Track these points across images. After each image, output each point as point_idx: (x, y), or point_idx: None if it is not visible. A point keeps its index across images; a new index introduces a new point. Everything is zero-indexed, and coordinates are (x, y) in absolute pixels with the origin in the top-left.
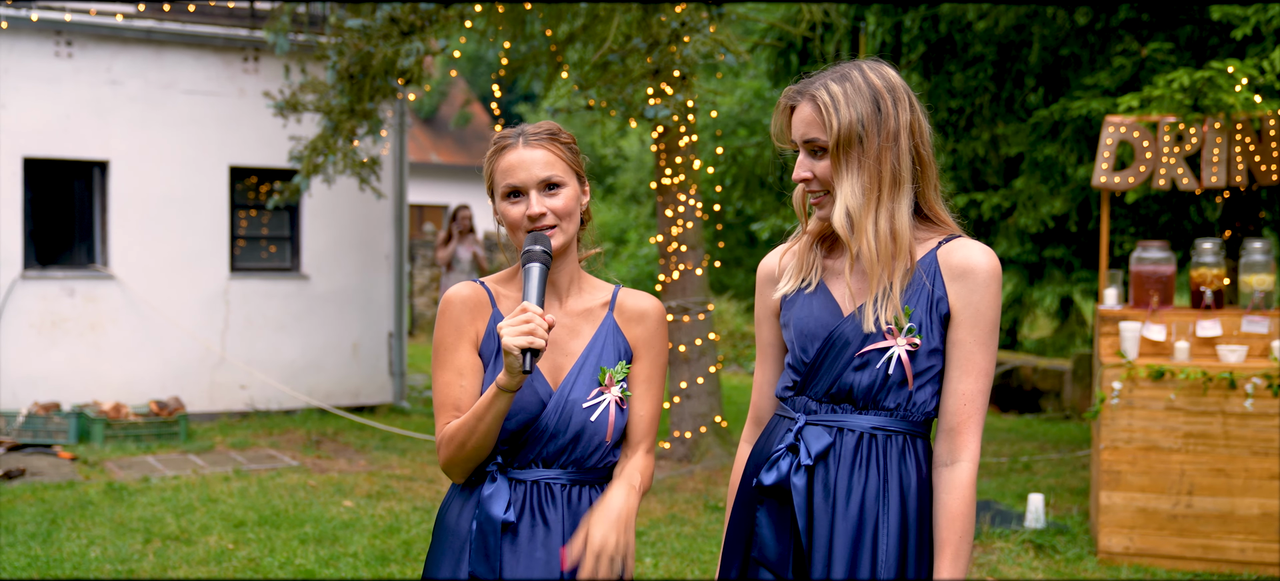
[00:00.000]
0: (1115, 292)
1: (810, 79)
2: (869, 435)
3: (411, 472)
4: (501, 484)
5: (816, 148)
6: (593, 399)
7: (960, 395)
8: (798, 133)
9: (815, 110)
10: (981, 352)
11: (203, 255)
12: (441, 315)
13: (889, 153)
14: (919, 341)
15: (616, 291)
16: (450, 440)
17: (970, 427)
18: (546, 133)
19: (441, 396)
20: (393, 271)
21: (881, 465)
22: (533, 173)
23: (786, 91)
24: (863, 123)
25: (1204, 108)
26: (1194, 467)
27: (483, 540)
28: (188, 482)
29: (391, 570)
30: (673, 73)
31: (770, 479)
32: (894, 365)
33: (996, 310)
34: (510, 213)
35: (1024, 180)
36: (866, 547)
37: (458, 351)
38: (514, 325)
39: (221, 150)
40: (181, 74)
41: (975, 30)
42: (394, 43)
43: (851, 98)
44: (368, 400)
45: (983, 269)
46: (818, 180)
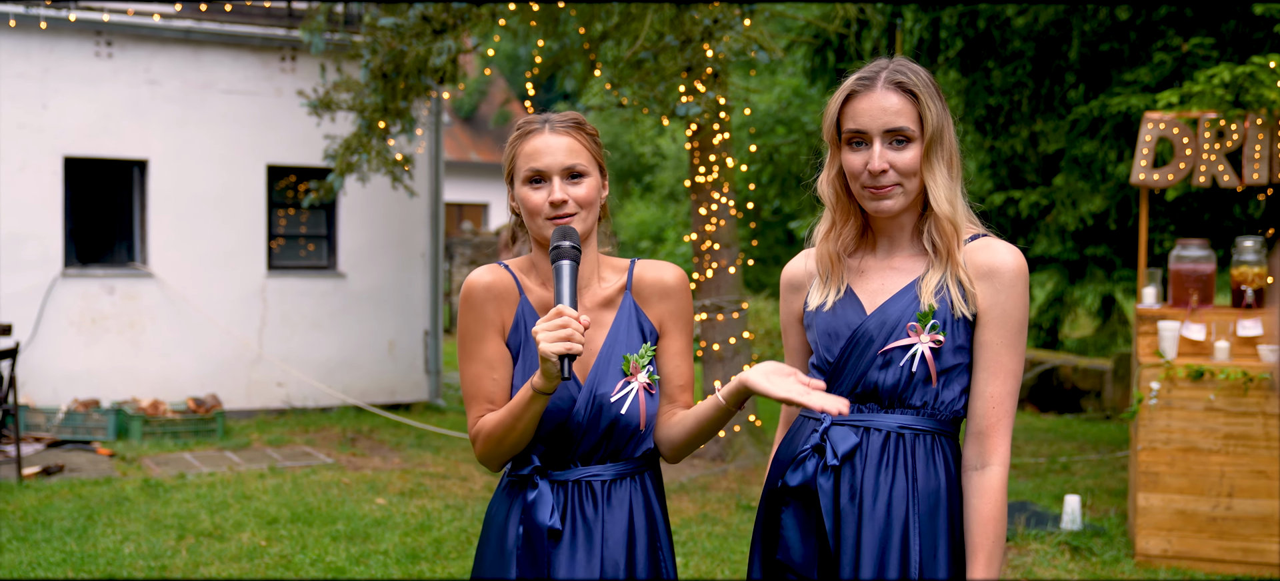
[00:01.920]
0: (1154, 291)
1: (874, 69)
2: (896, 434)
3: (445, 470)
4: (545, 488)
5: (902, 137)
6: (619, 391)
7: (989, 397)
8: (878, 121)
9: (906, 98)
10: (1009, 354)
11: (240, 253)
12: (465, 304)
13: (955, 148)
14: (943, 338)
15: (632, 267)
16: (487, 437)
17: (1000, 431)
18: (572, 121)
19: (472, 389)
20: (429, 269)
21: (909, 465)
22: (558, 158)
23: (850, 81)
24: (942, 116)
25: (1245, 104)
26: (1234, 469)
27: (530, 546)
28: (223, 479)
29: (422, 568)
30: (705, 70)
31: (796, 480)
32: (918, 362)
33: (1024, 310)
34: (531, 198)
35: (1063, 178)
36: (895, 549)
37: (485, 342)
38: (550, 330)
39: (259, 149)
40: (219, 74)
41: (1014, 26)
42: (426, 41)
43: (932, 91)
44: (403, 398)
45: (1009, 269)
46: (897, 171)
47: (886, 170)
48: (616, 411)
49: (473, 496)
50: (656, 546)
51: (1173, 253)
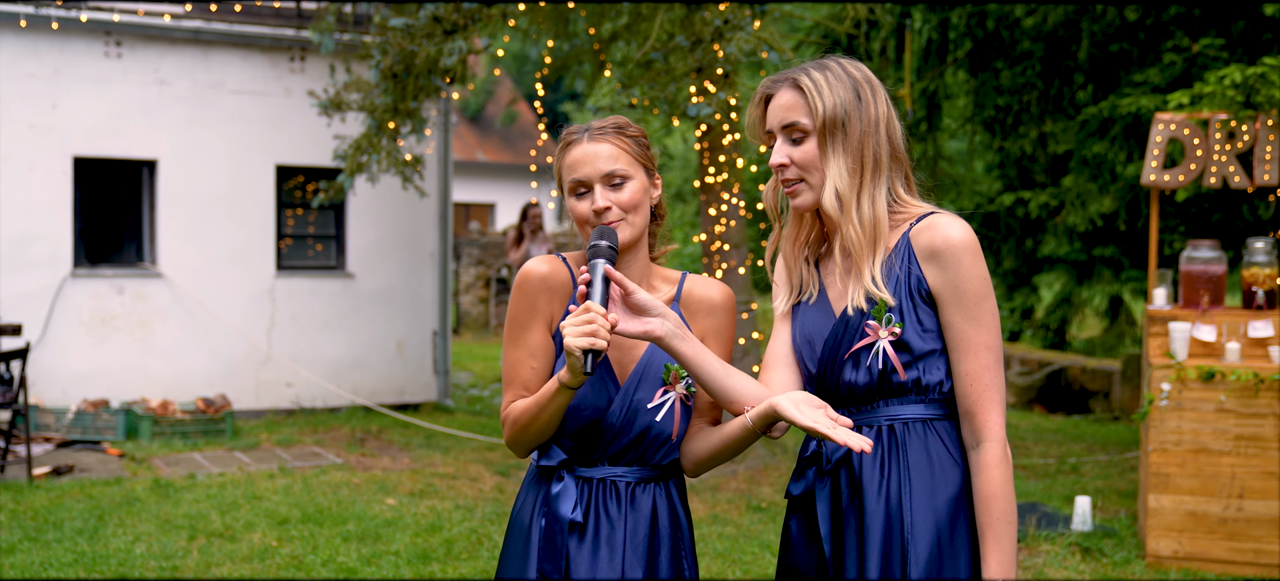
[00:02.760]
0: (1164, 292)
1: (786, 71)
2: (887, 428)
3: (455, 471)
4: (569, 482)
5: (798, 133)
6: (658, 399)
7: (964, 377)
8: (776, 119)
9: (798, 95)
10: (974, 328)
11: (249, 253)
12: (518, 289)
13: (871, 139)
14: (899, 329)
15: (682, 280)
16: (515, 422)
17: (984, 406)
18: (612, 127)
19: (510, 373)
20: (437, 270)
21: (903, 455)
22: (597, 167)
23: (763, 84)
24: (845, 107)
25: (1256, 104)
26: (1245, 470)
27: (550, 539)
28: (233, 480)
29: (433, 568)
30: (716, 71)
31: (798, 489)
32: (882, 359)
33: (978, 280)
34: (577, 208)
35: (1073, 178)
36: (897, 540)
37: (531, 330)
38: (576, 325)
39: (268, 149)
40: (229, 74)
41: (1023, 27)
42: (437, 41)
43: (833, 84)
44: (412, 398)
45: (953, 244)
46: (795, 166)
47: (786, 165)
48: (651, 418)
49: (483, 497)
50: (680, 551)
51: (1184, 254)
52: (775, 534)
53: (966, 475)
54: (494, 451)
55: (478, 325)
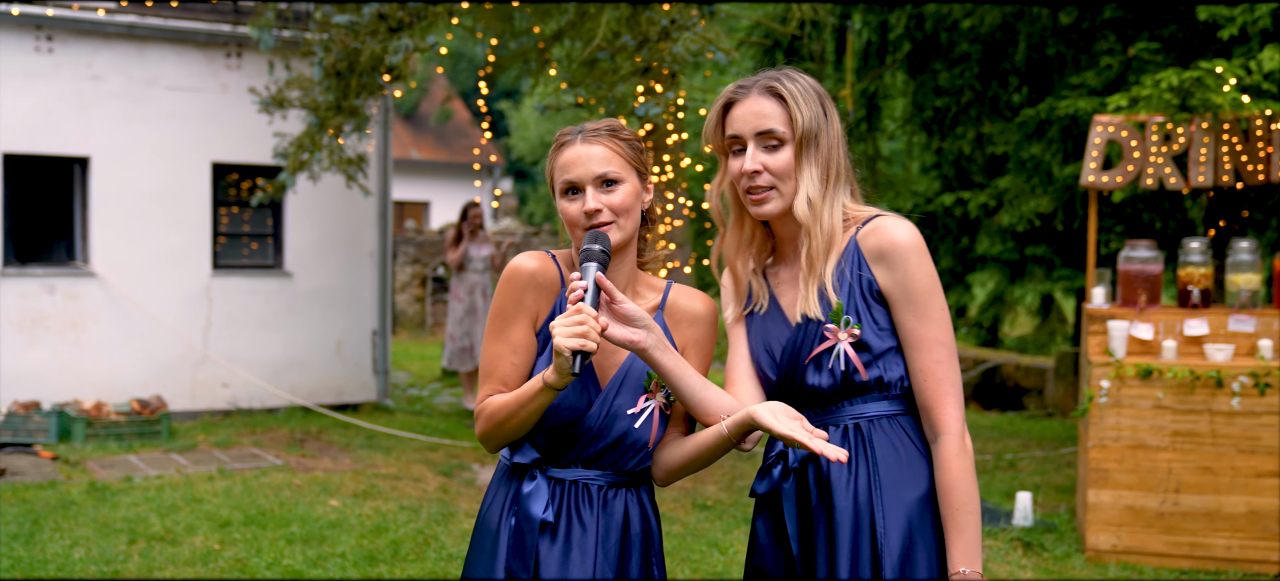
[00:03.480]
0: (1103, 291)
1: (752, 78)
2: (852, 426)
3: (397, 471)
4: (541, 482)
5: (774, 140)
6: (640, 406)
7: (919, 373)
8: (750, 125)
9: (777, 103)
10: (926, 325)
11: (185, 252)
12: (507, 282)
13: (835, 152)
14: (858, 330)
15: (668, 289)
16: (490, 417)
17: (940, 400)
18: (605, 129)
19: (489, 366)
20: (377, 269)
21: (870, 452)
22: (589, 168)
23: (728, 89)
24: (817, 120)
25: (1191, 108)
26: (1181, 466)
27: (520, 538)
28: (171, 482)
29: (380, 570)
30: (662, 71)
31: (763, 488)
32: (844, 360)
33: (926, 277)
34: (568, 209)
35: (1011, 179)
36: (866, 537)
37: (515, 324)
38: (567, 326)
39: (204, 146)
40: (164, 70)
41: (961, 29)
42: (381, 39)
43: (807, 95)
44: (351, 398)
45: (899, 246)
46: (770, 173)
47: (760, 171)
48: (629, 425)
49: (427, 498)
50: (650, 557)
51: (1122, 254)
52: (722, 531)
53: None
54: (436, 452)
55: (414, 324)
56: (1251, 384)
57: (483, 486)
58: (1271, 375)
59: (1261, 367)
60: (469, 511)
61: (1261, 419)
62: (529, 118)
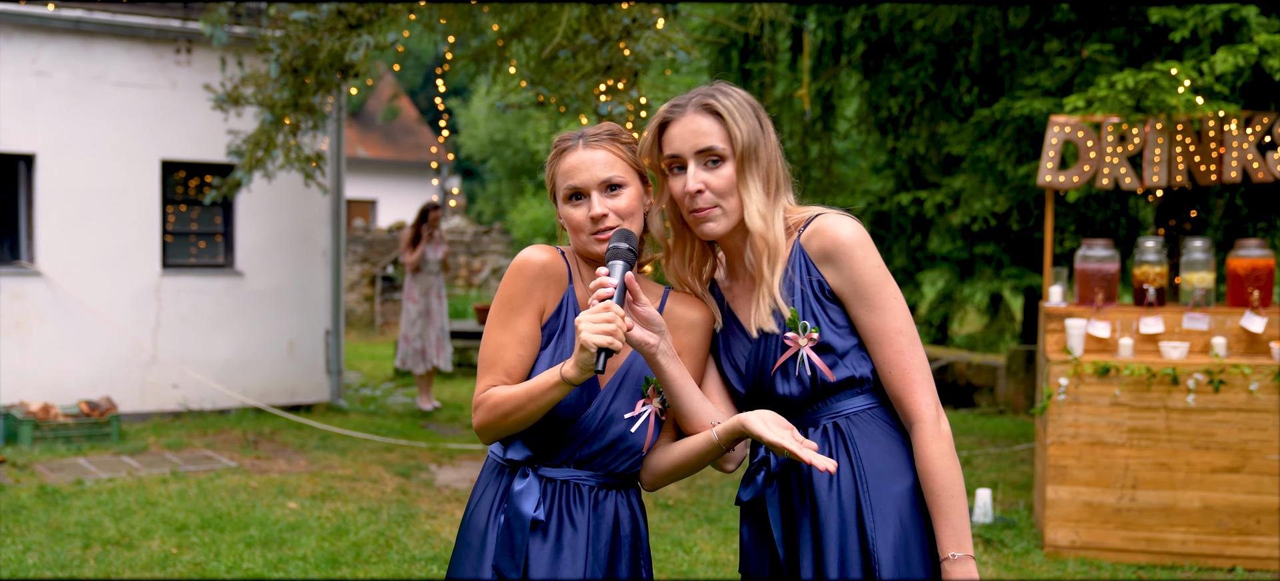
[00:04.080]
0: (1060, 290)
1: (686, 96)
2: (832, 426)
3: (354, 473)
4: (532, 480)
5: (714, 157)
6: (638, 409)
7: (884, 365)
8: (689, 144)
9: (715, 120)
10: (881, 317)
11: (133, 251)
12: (517, 273)
13: (774, 163)
14: (817, 334)
15: (666, 295)
16: (494, 407)
17: (908, 388)
18: (606, 133)
19: (492, 355)
20: (330, 268)
21: (852, 449)
22: (594, 173)
23: (663, 108)
24: (754, 133)
25: (1146, 109)
26: (1138, 462)
27: (510, 536)
28: (124, 485)
29: (343, 572)
30: (625, 69)
31: (748, 495)
32: (809, 365)
33: (873, 270)
34: (573, 215)
35: (965, 178)
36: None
37: (523, 315)
38: (595, 322)
39: (153, 144)
40: (111, 66)
41: (914, 29)
42: (339, 35)
43: (743, 109)
44: (304, 399)
45: (842, 244)
46: (712, 191)
47: (702, 190)
48: (626, 428)
49: (386, 499)
50: (639, 559)
51: (1079, 252)
52: (685, 531)
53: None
54: (392, 452)
55: (363, 324)
56: (1206, 381)
57: (442, 487)
58: (1225, 372)
59: (1216, 365)
60: (429, 512)
61: (1216, 415)
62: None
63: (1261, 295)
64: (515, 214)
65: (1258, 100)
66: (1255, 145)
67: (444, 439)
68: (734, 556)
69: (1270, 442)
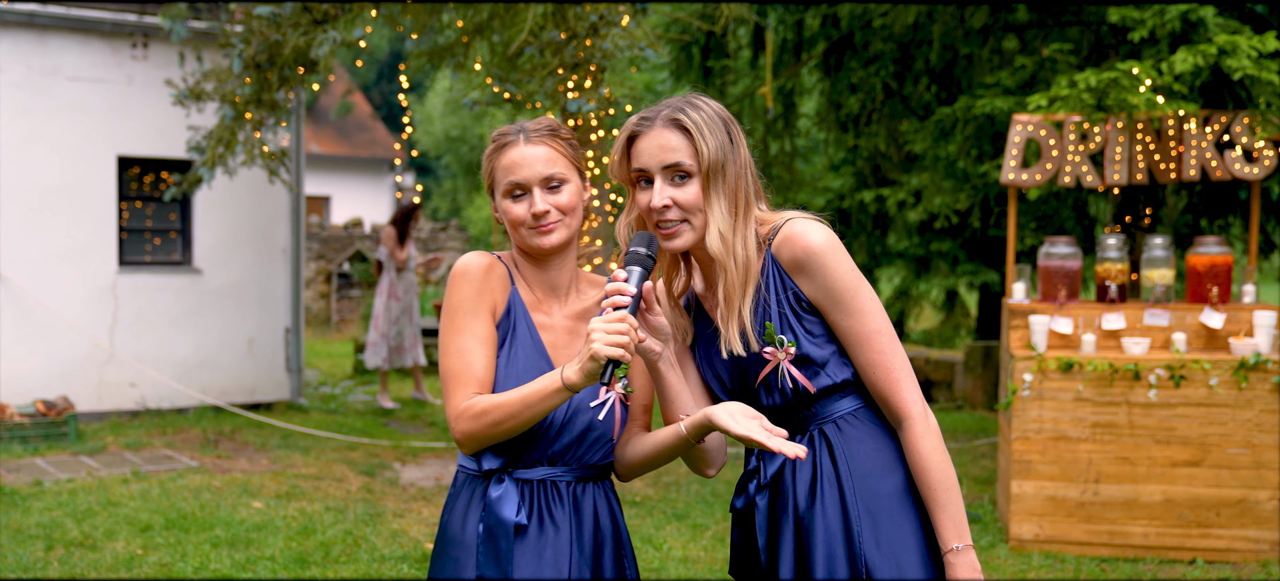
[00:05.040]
0: (1023, 286)
1: (656, 109)
2: (818, 434)
3: (318, 471)
4: (509, 485)
5: (681, 173)
6: (600, 397)
7: (867, 367)
8: (656, 159)
9: (682, 135)
10: (859, 320)
11: (89, 248)
12: (461, 278)
13: (743, 180)
14: (794, 347)
15: None
16: (481, 415)
17: (893, 387)
18: (547, 128)
19: (458, 363)
20: (289, 265)
21: (837, 452)
22: (535, 169)
23: (632, 121)
24: (723, 149)
25: (1107, 107)
26: (1101, 456)
27: (492, 542)
28: (84, 486)
29: (312, 572)
30: (590, 66)
31: (741, 503)
32: (789, 378)
33: (847, 274)
34: (513, 210)
35: (927, 176)
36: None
37: (478, 318)
38: (610, 332)
39: (109, 139)
40: (66, 60)
41: (874, 27)
42: (304, 31)
43: (712, 124)
44: (264, 397)
45: (814, 252)
46: (679, 207)
47: (669, 206)
48: (593, 417)
49: (352, 498)
50: (622, 553)
51: (1042, 250)
52: (654, 527)
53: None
54: (355, 451)
55: (319, 321)
56: (1167, 376)
57: (407, 486)
58: (1186, 367)
59: (1176, 360)
60: (396, 511)
61: (1177, 410)
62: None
63: (1220, 291)
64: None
65: (1216, 99)
66: (1213, 144)
67: (406, 437)
68: (704, 552)
69: (1230, 436)
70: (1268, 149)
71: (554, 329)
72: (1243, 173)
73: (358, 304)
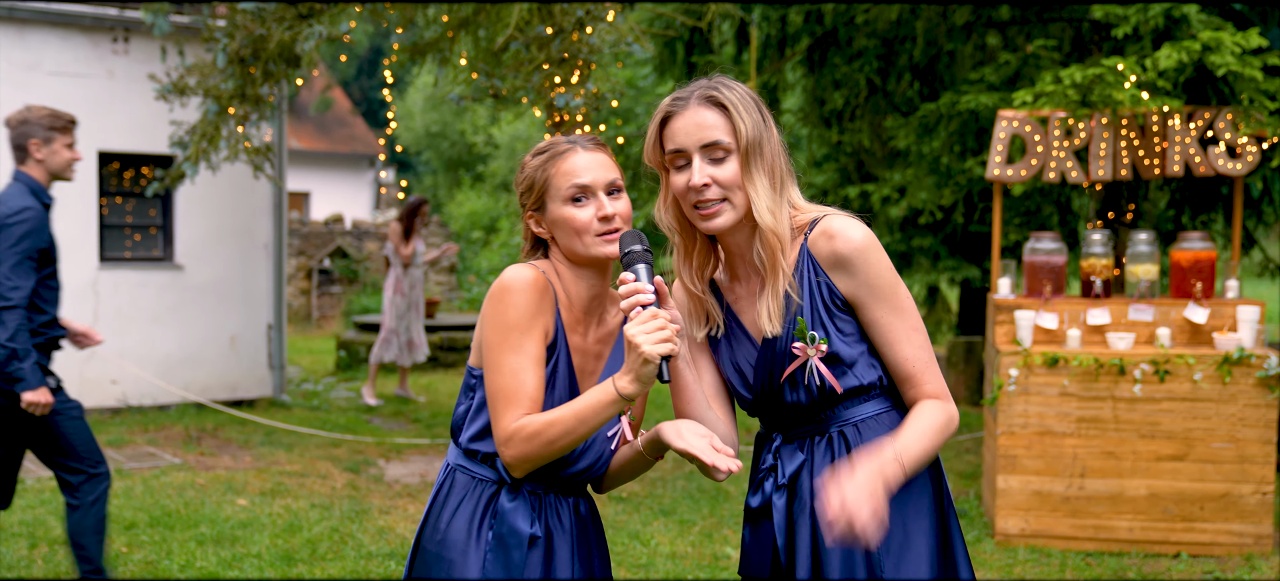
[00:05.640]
0: (1009, 282)
1: (688, 90)
2: (838, 435)
3: (303, 468)
4: (522, 498)
5: (720, 152)
6: (614, 425)
7: (905, 362)
8: (693, 138)
9: (720, 113)
10: (900, 316)
11: (70, 244)
12: (516, 293)
13: (779, 158)
14: (825, 345)
15: None
16: (535, 435)
17: (922, 375)
18: (594, 140)
19: (512, 384)
20: (272, 261)
21: (853, 454)
22: (600, 174)
23: (665, 102)
24: (758, 126)
25: (1091, 103)
26: (1086, 451)
27: (504, 551)
28: None
29: (300, 570)
30: (577, 61)
31: (756, 502)
32: (817, 376)
33: (887, 271)
34: (577, 217)
35: (911, 171)
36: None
37: (532, 337)
38: (649, 331)
39: (90, 135)
40: (47, 55)
41: (857, 23)
42: (288, 26)
43: (747, 103)
44: (246, 394)
45: (857, 248)
46: (718, 185)
47: (708, 184)
48: (602, 433)
49: (337, 495)
50: (606, 553)
51: (1027, 245)
52: (641, 524)
53: (935, 463)
54: (339, 448)
55: (300, 318)
56: (1152, 371)
57: (392, 482)
58: (1170, 362)
59: (1161, 355)
60: (382, 507)
61: (1161, 405)
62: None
63: (1204, 287)
64: (452, 206)
65: (1199, 95)
66: (1197, 140)
67: (390, 434)
68: (692, 548)
69: (1213, 431)
70: (1251, 145)
71: (585, 352)
72: (1226, 168)
73: (339, 300)
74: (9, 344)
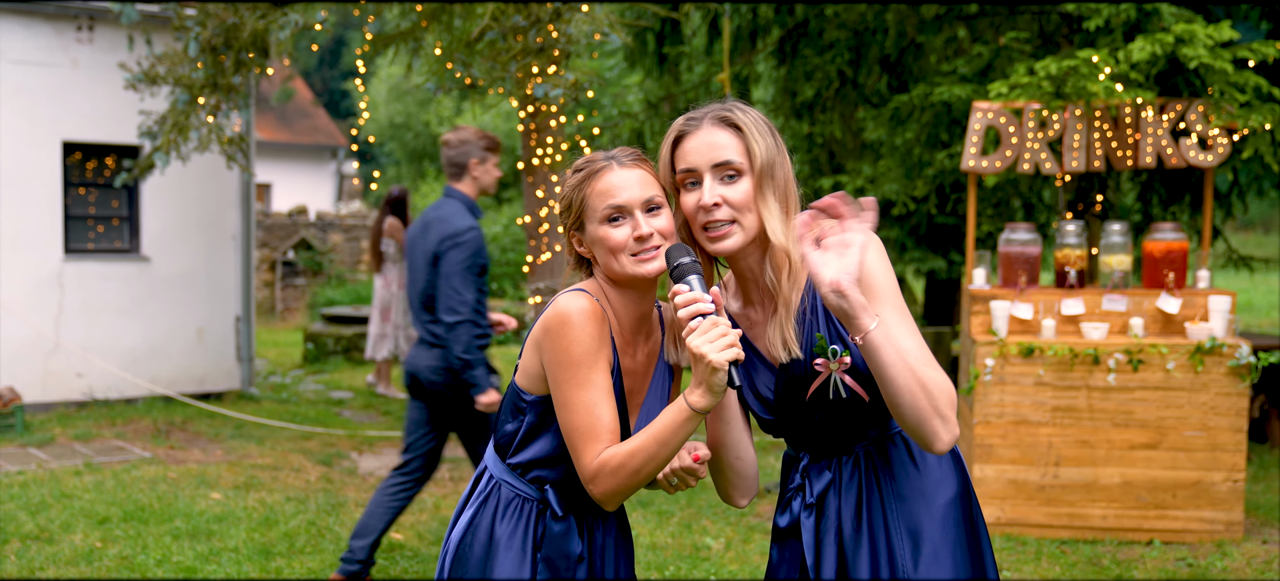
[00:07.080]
0: (984, 272)
1: (701, 110)
2: (864, 452)
3: (274, 461)
4: (572, 521)
5: (731, 171)
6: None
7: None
8: (706, 157)
9: (734, 134)
10: (897, 314)
11: (34, 236)
12: (576, 327)
13: (790, 184)
14: (848, 357)
15: (659, 310)
16: (620, 468)
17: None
18: (634, 155)
19: (588, 420)
20: (240, 252)
21: (882, 472)
22: (636, 192)
23: (678, 122)
24: (772, 150)
25: (1065, 95)
26: (1061, 440)
27: (554, 573)
28: (36, 478)
29: (278, 563)
30: (555, 51)
31: (784, 521)
32: (844, 389)
33: (882, 271)
34: (613, 237)
35: (883, 163)
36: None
37: (598, 369)
38: (715, 341)
39: (54, 124)
40: (9, 43)
41: (828, 16)
42: (261, 15)
43: (761, 126)
44: (214, 387)
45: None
46: (729, 206)
47: (719, 204)
48: None
49: (312, 488)
50: (632, 566)
51: (1002, 236)
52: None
53: (962, 474)
54: (311, 440)
55: (264, 310)
56: (1125, 360)
57: (365, 475)
58: (1144, 352)
59: (1134, 345)
60: (357, 500)
61: (1135, 394)
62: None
63: (1176, 277)
64: (417, 198)
65: (1170, 88)
66: (1169, 131)
67: (361, 426)
68: (671, 539)
69: (1186, 419)
70: (1221, 136)
71: (634, 373)
72: (1197, 160)
73: (303, 292)
74: (464, 356)
